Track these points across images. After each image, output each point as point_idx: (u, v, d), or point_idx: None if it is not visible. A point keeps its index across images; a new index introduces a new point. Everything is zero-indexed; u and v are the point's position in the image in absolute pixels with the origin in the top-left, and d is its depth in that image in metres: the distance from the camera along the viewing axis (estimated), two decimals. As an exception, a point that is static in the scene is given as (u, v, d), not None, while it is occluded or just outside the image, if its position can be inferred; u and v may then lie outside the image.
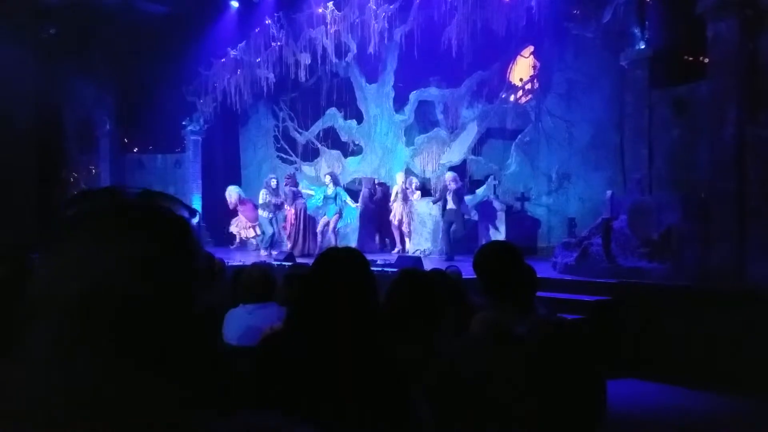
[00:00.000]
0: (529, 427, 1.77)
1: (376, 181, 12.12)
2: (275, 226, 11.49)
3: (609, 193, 7.88)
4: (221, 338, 3.16)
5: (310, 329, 1.67)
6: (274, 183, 11.55)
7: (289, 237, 11.26)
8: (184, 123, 14.15)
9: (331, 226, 11.02)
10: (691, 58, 8.62)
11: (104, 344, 0.59)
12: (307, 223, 11.26)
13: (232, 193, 12.25)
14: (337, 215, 11.05)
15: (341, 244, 10.81)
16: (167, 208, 0.70)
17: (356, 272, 1.69)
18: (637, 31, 8.69)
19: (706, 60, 7.52)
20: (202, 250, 0.70)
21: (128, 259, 0.62)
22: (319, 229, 11.13)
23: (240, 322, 3.17)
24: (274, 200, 11.38)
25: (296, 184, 11.64)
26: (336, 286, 1.66)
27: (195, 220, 0.72)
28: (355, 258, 1.74)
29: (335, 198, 11.05)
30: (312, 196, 11.80)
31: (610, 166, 9.72)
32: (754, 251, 6.37)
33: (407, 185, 11.16)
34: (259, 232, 12.02)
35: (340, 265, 1.71)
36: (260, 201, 11.53)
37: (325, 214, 11.13)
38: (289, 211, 11.23)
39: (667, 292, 6.27)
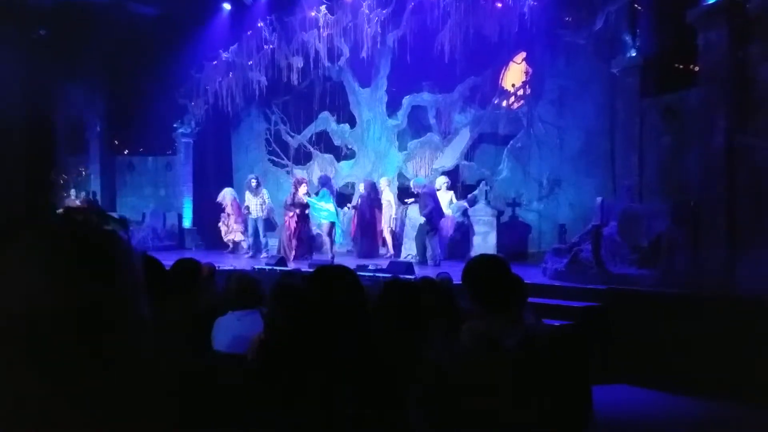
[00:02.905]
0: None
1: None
2: (261, 229, 11.36)
3: (599, 199, 7.92)
4: (211, 346, 3.15)
5: (304, 341, 1.67)
6: (254, 183, 11.46)
7: (289, 242, 10.94)
8: (175, 125, 14.10)
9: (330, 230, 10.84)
10: (681, 66, 8.70)
11: (31, 367, 0.60)
12: (308, 229, 11.09)
13: (227, 194, 12.21)
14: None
15: (337, 249, 10.77)
16: (90, 224, 0.69)
17: (348, 290, 1.71)
18: (628, 38, 8.76)
19: (697, 68, 7.59)
20: (128, 259, 0.70)
21: (45, 281, 0.62)
22: (326, 233, 10.93)
23: (229, 330, 3.16)
24: (255, 201, 11.28)
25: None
26: (329, 303, 1.67)
27: (124, 232, 0.72)
28: (346, 276, 1.75)
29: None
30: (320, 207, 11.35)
31: (601, 172, 9.77)
32: (744, 258, 6.41)
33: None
34: (246, 236, 11.95)
35: (334, 283, 1.72)
36: (246, 203, 11.41)
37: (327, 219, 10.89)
38: (291, 216, 10.91)
39: (656, 299, 6.29)
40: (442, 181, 10.50)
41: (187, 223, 14.11)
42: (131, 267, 0.69)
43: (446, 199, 10.42)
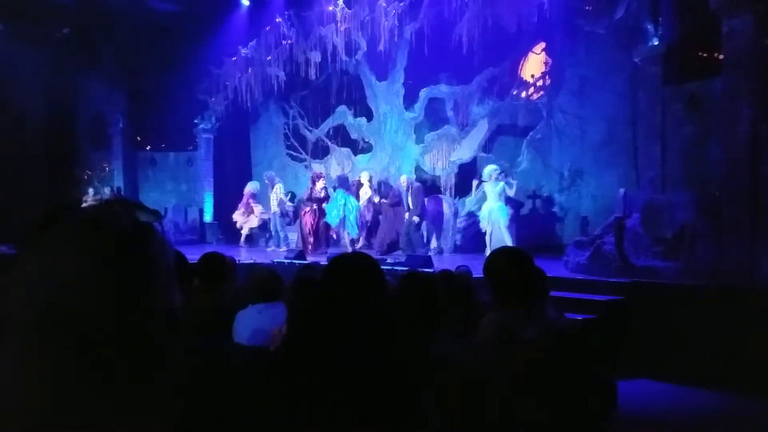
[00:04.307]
0: (534, 429, 1.76)
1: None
2: (278, 223, 11.49)
3: (622, 191, 7.81)
4: (232, 338, 3.19)
5: (319, 335, 1.68)
6: (266, 180, 11.64)
7: (308, 236, 11.04)
8: (196, 121, 14.25)
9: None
10: (704, 54, 8.52)
11: (68, 356, 0.61)
12: (325, 223, 11.16)
13: (248, 186, 12.42)
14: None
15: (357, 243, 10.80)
16: (125, 215, 0.69)
17: (367, 278, 1.70)
18: (650, 27, 8.59)
19: (720, 56, 7.43)
20: (163, 251, 0.70)
21: (84, 271, 0.63)
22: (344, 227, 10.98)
23: (250, 323, 3.20)
24: (271, 196, 11.41)
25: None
26: (346, 293, 1.67)
27: (158, 224, 0.72)
28: (364, 264, 1.74)
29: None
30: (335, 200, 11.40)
31: (623, 163, 9.64)
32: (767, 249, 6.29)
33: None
34: (256, 223, 12.16)
35: (351, 271, 1.71)
36: (275, 199, 11.52)
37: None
38: (309, 210, 11.03)
39: (680, 292, 6.21)
40: (490, 170, 9.63)
41: (208, 217, 14.28)
42: (166, 259, 0.70)
43: (496, 190, 9.52)
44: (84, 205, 0.69)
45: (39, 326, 0.60)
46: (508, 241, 9.03)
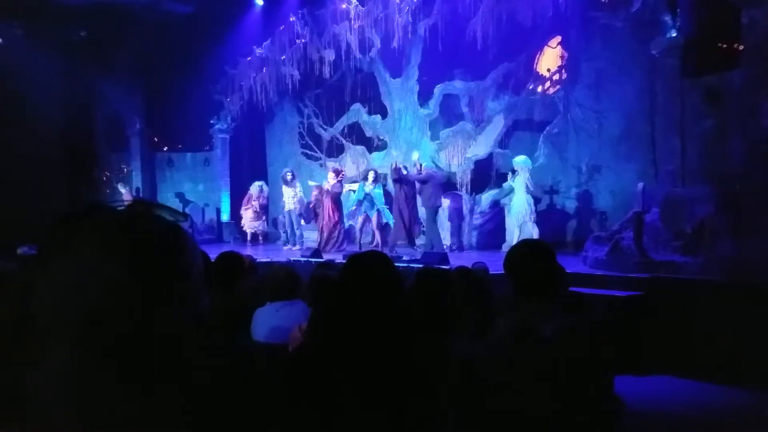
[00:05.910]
0: (551, 427, 1.75)
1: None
2: (295, 222, 11.56)
3: (640, 185, 7.73)
4: (250, 336, 3.21)
5: (337, 334, 1.69)
6: (289, 176, 11.67)
7: (322, 232, 11.13)
8: (212, 121, 14.37)
9: (374, 222, 10.87)
10: (724, 46, 8.37)
11: (108, 363, 0.60)
12: (340, 218, 11.23)
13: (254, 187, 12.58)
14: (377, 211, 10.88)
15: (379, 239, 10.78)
16: (156, 217, 0.68)
17: (382, 277, 1.70)
18: (667, 18, 8.46)
19: (740, 48, 7.30)
20: (194, 254, 0.68)
21: (118, 275, 0.61)
22: (358, 226, 11.03)
23: (268, 321, 3.22)
24: (294, 194, 11.47)
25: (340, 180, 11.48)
26: (363, 292, 1.67)
27: (186, 224, 0.70)
28: (381, 263, 1.75)
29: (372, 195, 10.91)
30: (354, 191, 11.47)
31: (642, 157, 9.53)
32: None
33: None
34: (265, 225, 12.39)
35: (367, 270, 1.72)
36: (289, 197, 11.59)
37: (364, 211, 10.95)
38: (328, 205, 11.10)
39: (700, 287, 6.12)
40: (519, 161, 9.90)
41: (225, 216, 14.40)
42: (197, 260, 0.68)
43: (523, 182, 9.69)
44: (115, 205, 0.68)
45: (78, 333, 0.59)
46: (536, 235, 9.21)
